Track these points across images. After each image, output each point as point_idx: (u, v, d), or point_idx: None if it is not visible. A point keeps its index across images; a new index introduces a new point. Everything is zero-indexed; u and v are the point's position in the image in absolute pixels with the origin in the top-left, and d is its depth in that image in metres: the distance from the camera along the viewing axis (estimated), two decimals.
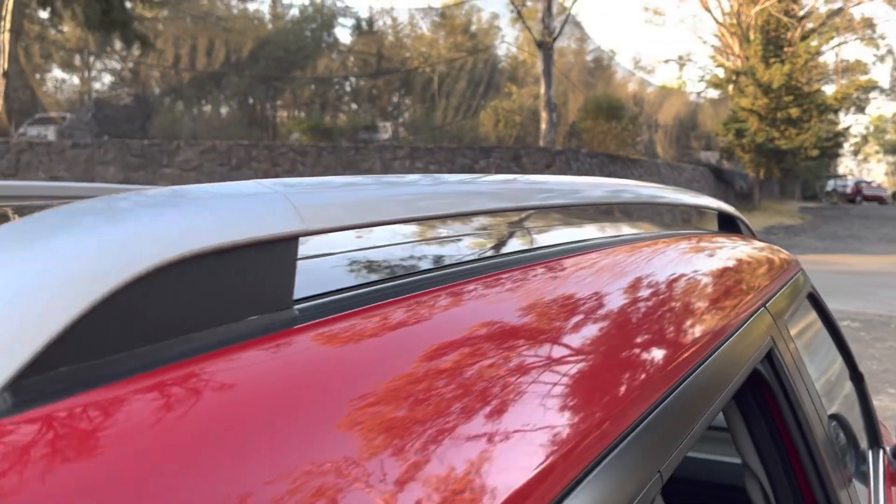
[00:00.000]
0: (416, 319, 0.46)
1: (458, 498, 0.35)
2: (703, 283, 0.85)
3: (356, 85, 34.85)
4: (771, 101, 29.76)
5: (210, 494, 0.29)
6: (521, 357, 0.47)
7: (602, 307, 0.61)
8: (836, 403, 1.73)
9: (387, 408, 0.37)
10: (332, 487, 0.32)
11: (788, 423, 0.94)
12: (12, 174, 14.98)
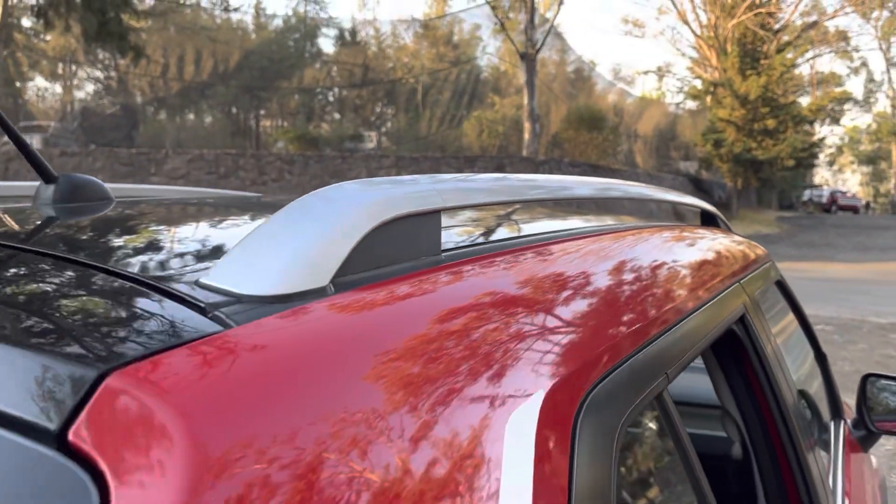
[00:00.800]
0: (512, 266, 0.70)
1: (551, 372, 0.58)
2: (692, 259, 1.10)
3: (340, 95, 35.06)
4: (748, 113, 30.38)
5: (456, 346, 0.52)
6: (565, 298, 0.71)
7: (622, 272, 0.86)
8: (802, 380, 1.98)
9: (499, 321, 0.60)
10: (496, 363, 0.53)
11: (759, 378, 1.18)
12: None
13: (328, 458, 0.37)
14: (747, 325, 1.13)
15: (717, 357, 1.11)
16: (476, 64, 37.02)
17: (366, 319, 0.50)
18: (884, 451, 4.98)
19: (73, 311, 0.47)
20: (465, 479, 0.44)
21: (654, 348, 0.72)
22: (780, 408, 1.18)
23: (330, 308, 0.49)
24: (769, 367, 1.18)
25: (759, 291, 1.33)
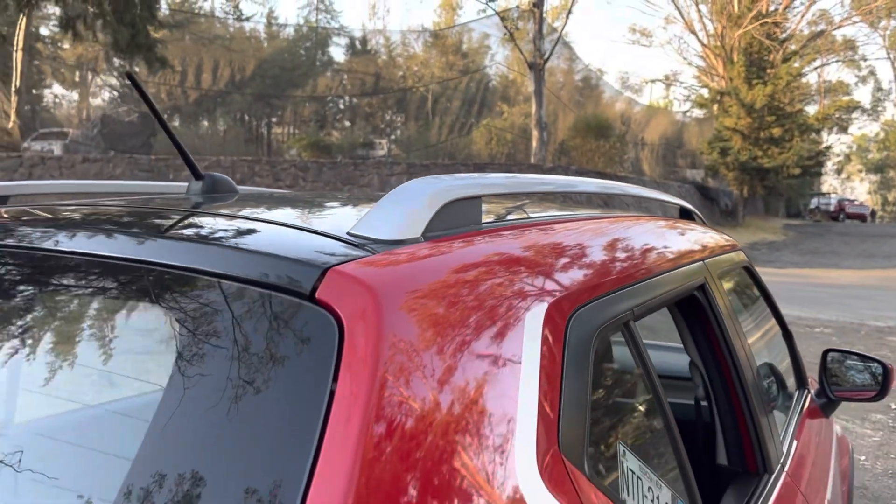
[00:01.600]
0: (536, 239, 1.06)
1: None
2: (665, 239, 1.45)
3: (351, 103, 35.50)
4: (754, 121, 30.67)
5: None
6: (564, 254, 1.05)
7: (610, 242, 1.21)
8: (769, 353, 2.32)
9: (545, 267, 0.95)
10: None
11: (716, 334, 1.52)
12: None
13: (456, 308, 0.74)
14: (707, 292, 1.47)
15: (682, 314, 1.45)
16: (485, 73, 37.43)
17: (441, 257, 0.85)
18: (871, 443, 5.29)
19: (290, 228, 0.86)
20: (503, 350, 0.79)
21: (624, 292, 1.07)
22: (733, 359, 1.52)
23: (422, 248, 0.84)
24: (725, 327, 1.52)
25: (721, 270, 1.67)
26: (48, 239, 0.87)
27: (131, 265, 0.78)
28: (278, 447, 0.59)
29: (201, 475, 0.59)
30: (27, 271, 0.86)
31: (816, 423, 2.24)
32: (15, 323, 0.89)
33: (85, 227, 0.90)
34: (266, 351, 0.65)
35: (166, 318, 0.75)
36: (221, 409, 0.62)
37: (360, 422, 0.58)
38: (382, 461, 0.57)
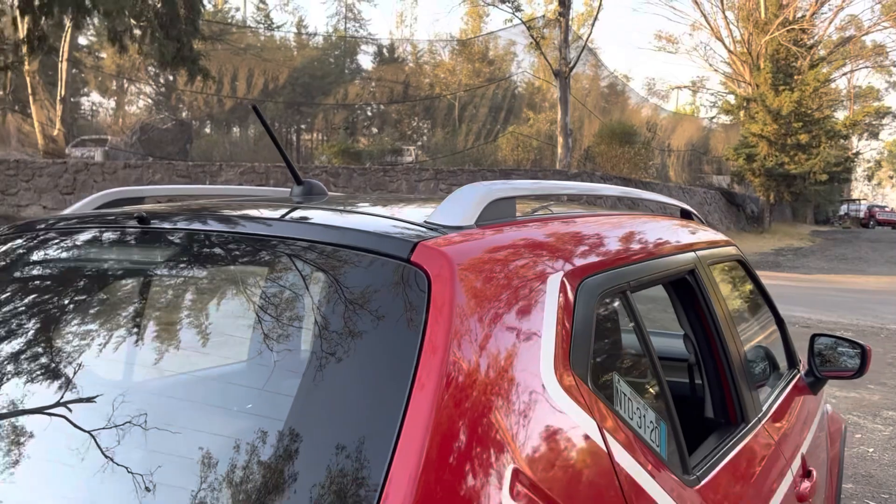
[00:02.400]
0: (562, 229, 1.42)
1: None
2: (664, 231, 1.80)
3: (379, 110, 36.07)
4: (780, 127, 30.64)
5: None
6: (581, 239, 1.41)
7: (619, 232, 1.57)
8: (763, 337, 2.65)
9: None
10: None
11: (705, 314, 1.86)
12: (70, 192, 16.15)
13: (506, 273, 1.10)
14: (696, 276, 1.81)
15: (676, 293, 1.79)
16: (511, 80, 37.78)
17: (489, 238, 1.21)
18: (881, 437, 5.54)
19: (385, 218, 1.22)
20: (532, 299, 1.14)
21: (622, 270, 1.42)
22: (718, 333, 1.86)
23: (475, 232, 1.20)
24: (712, 306, 1.86)
25: (711, 260, 2.01)
26: (218, 223, 1.24)
27: (275, 240, 1.16)
28: (390, 362, 0.94)
29: (338, 393, 0.94)
30: (203, 250, 1.23)
31: (807, 399, 2.55)
32: (183, 290, 1.26)
33: (239, 216, 1.27)
34: (378, 294, 1.01)
35: (303, 276, 1.11)
36: (352, 341, 0.98)
37: (444, 341, 0.94)
38: (462, 363, 0.92)
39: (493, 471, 0.87)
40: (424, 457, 0.81)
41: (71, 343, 1.17)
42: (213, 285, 1.25)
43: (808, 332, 10.15)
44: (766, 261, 23.39)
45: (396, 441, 0.82)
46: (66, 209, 1.65)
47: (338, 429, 0.86)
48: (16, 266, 1.36)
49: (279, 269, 1.15)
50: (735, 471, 1.54)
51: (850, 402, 6.51)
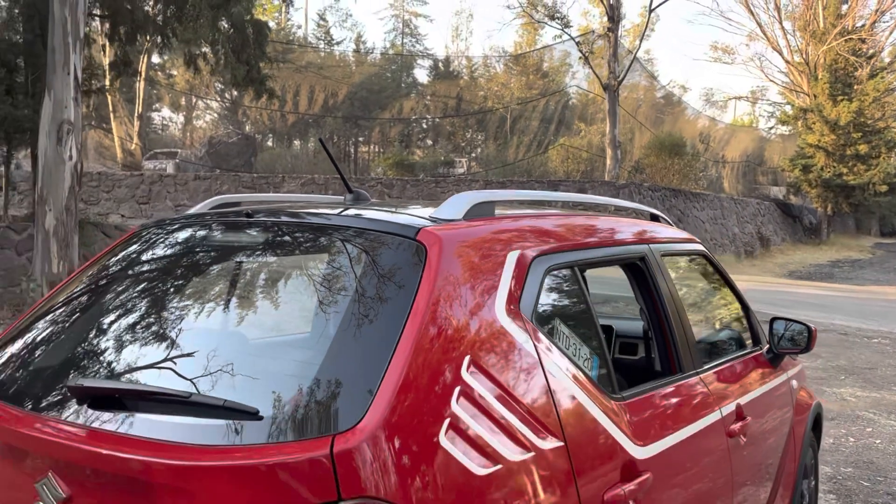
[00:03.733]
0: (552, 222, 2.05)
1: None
2: (623, 227, 2.39)
3: (433, 123, 36.96)
4: (839, 138, 30.25)
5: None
6: (543, 222, 2.03)
7: (573, 223, 2.17)
8: (729, 319, 3.19)
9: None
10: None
11: (654, 295, 2.43)
12: (146, 202, 17.40)
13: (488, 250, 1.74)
14: (647, 263, 2.39)
15: (630, 273, 2.38)
16: (563, 93, 38.20)
17: (472, 228, 1.82)
18: (890, 431, 5.90)
19: (403, 214, 1.84)
20: (496, 265, 1.76)
21: (572, 252, 2.03)
22: (664, 306, 2.42)
23: (461, 223, 1.81)
24: (659, 285, 2.43)
25: (664, 251, 2.57)
26: (296, 217, 1.91)
27: (332, 227, 1.81)
28: (400, 297, 1.57)
29: (358, 331, 1.57)
30: (286, 235, 1.89)
31: (758, 366, 3.06)
32: (262, 271, 1.93)
33: (309, 212, 1.94)
34: (395, 258, 1.64)
35: (349, 249, 1.75)
36: (377, 285, 1.61)
37: (432, 286, 1.56)
38: (442, 298, 1.55)
39: (457, 357, 1.49)
40: (414, 345, 1.43)
41: (196, 298, 1.85)
42: (292, 256, 1.91)
43: (846, 339, 10.39)
44: (820, 272, 23.23)
45: (400, 335, 1.44)
46: (143, 216, 2.35)
47: (362, 329, 1.50)
48: (162, 247, 2.06)
49: (335, 245, 1.80)
50: (658, 397, 2.12)
51: (870, 401, 6.85)
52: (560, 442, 1.60)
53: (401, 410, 1.32)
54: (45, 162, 7.79)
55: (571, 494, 1.58)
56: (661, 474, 1.93)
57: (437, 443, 1.35)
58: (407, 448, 1.30)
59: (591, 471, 1.67)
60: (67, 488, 1.42)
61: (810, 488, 3.66)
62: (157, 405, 1.43)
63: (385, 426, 1.29)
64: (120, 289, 1.89)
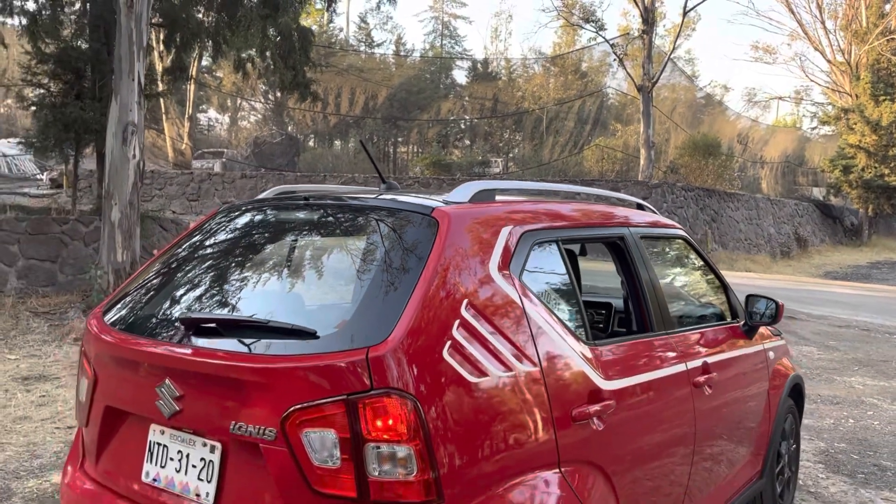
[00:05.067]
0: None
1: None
2: (607, 212, 2.91)
3: (471, 124, 37.51)
4: (881, 139, 29.94)
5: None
6: (536, 203, 2.57)
7: (561, 208, 2.70)
8: (709, 295, 3.68)
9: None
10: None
11: (632, 269, 2.94)
12: (195, 199, 18.31)
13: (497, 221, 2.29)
14: (626, 242, 2.91)
15: (612, 251, 2.90)
16: (602, 92, 38.39)
17: (475, 208, 2.36)
18: (889, 415, 6.27)
19: (423, 198, 2.40)
20: (491, 235, 2.30)
21: (561, 231, 2.56)
22: (639, 280, 2.93)
23: (466, 205, 2.34)
24: (636, 263, 2.94)
25: (643, 233, 3.07)
26: (342, 201, 2.48)
27: (370, 208, 2.38)
28: (416, 259, 2.11)
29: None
30: (334, 215, 2.46)
31: (743, 342, 3.54)
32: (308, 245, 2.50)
33: (351, 197, 2.51)
34: (415, 231, 2.19)
35: (380, 225, 2.31)
36: (401, 251, 2.17)
37: (441, 251, 2.11)
38: (448, 259, 2.09)
39: (458, 299, 2.04)
40: (426, 290, 1.98)
41: (268, 258, 2.43)
42: (339, 228, 2.48)
43: (867, 334, 10.67)
44: (857, 273, 23.16)
45: (416, 282, 1.99)
46: (192, 212, 2.95)
47: (389, 279, 2.06)
48: (240, 221, 2.65)
49: (371, 220, 2.36)
50: (627, 346, 2.64)
51: (877, 389, 7.20)
52: (536, 367, 2.14)
53: (415, 333, 1.88)
54: (111, 160, 8.55)
55: (544, 405, 2.12)
56: (624, 404, 2.45)
57: (441, 356, 1.90)
58: (418, 358, 1.86)
59: (562, 391, 2.21)
60: (180, 389, 2.01)
61: (790, 450, 4.12)
62: (245, 330, 2.02)
63: (403, 343, 1.84)
64: (210, 250, 2.50)
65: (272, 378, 1.86)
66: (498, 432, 1.97)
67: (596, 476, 2.26)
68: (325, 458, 1.79)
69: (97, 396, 2.30)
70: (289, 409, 1.81)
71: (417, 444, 1.78)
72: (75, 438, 2.57)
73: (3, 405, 5.52)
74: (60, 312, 8.20)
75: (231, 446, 1.96)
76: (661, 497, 2.70)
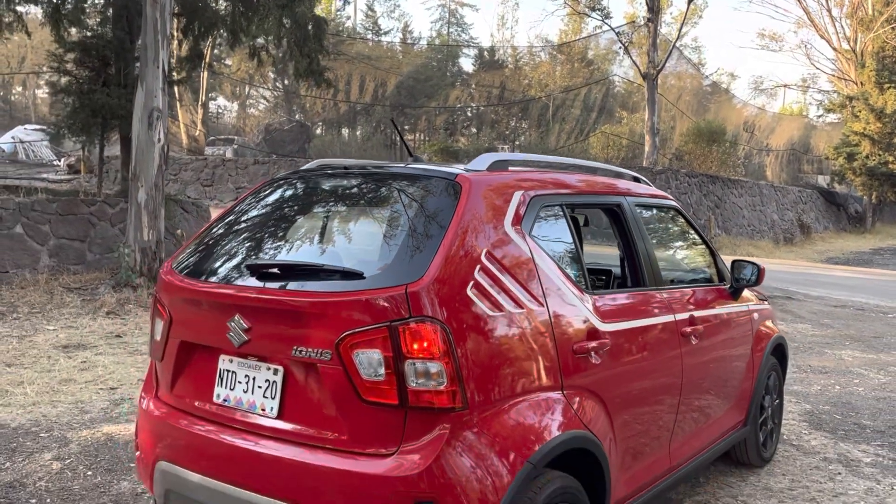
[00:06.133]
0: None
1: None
2: (606, 183, 3.30)
3: (478, 111, 37.81)
4: (885, 126, 30.15)
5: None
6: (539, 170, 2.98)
7: (568, 177, 3.11)
8: (698, 259, 4.09)
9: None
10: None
11: (626, 233, 3.34)
12: (209, 184, 18.73)
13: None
14: (622, 209, 3.31)
15: (609, 216, 3.30)
16: (608, 79, 38.60)
17: (492, 175, 2.76)
18: (875, 383, 6.67)
19: (447, 167, 2.81)
20: (505, 199, 2.71)
21: (565, 197, 2.96)
22: (633, 243, 3.33)
23: (484, 172, 2.74)
24: (631, 228, 3.34)
25: (638, 202, 3.47)
26: (378, 169, 2.88)
27: (402, 175, 2.78)
28: (443, 217, 2.52)
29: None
30: (370, 182, 2.87)
31: (719, 296, 3.93)
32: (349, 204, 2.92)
33: (386, 166, 2.91)
34: (439, 196, 2.60)
35: (411, 188, 2.72)
36: (430, 209, 2.57)
37: (463, 210, 2.52)
38: (470, 217, 2.50)
39: (479, 249, 2.45)
40: (452, 241, 2.39)
41: (316, 215, 2.85)
42: (377, 191, 2.88)
43: (862, 313, 11.06)
44: (859, 259, 23.48)
45: (444, 234, 2.40)
46: (207, 197, 3.37)
47: (423, 230, 2.47)
48: (287, 188, 3.06)
49: (405, 185, 2.76)
50: (622, 297, 3.06)
51: (865, 361, 7.60)
52: (543, 307, 2.55)
53: (444, 274, 2.29)
54: (137, 144, 8.98)
55: (549, 338, 2.53)
56: (618, 343, 2.87)
57: (465, 293, 2.31)
58: (446, 294, 2.27)
59: (565, 328, 2.62)
60: (248, 322, 2.43)
61: (773, 404, 4.53)
62: (303, 273, 2.44)
63: (434, 282, 2.26)
64: (264, 211, 2.93)
65: (328, 310, 2.28)
66: (511, 357, 2.39)
67: (593, 400, 2.68)
68: (372, 373, 2.21)
69: (172, 334, 2.72)
70: (342, 335, 2.23)
71: (447, 361, 2.19)
72: (148, 373, 3.00)
73: (49, 369, 5.97)
74: (91, 288, 8.65)
75: (291, 368, 2.38)
76: (650, 425, 3.12)
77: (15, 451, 4.27)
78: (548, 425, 2.44)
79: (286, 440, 2.36)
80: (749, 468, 4.37)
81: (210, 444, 2.53)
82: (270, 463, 2.36)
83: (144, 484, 2.88)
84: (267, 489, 2.35)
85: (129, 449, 4.33)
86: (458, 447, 2.20)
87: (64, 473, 3.99)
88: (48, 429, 4.63)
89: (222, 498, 2.46)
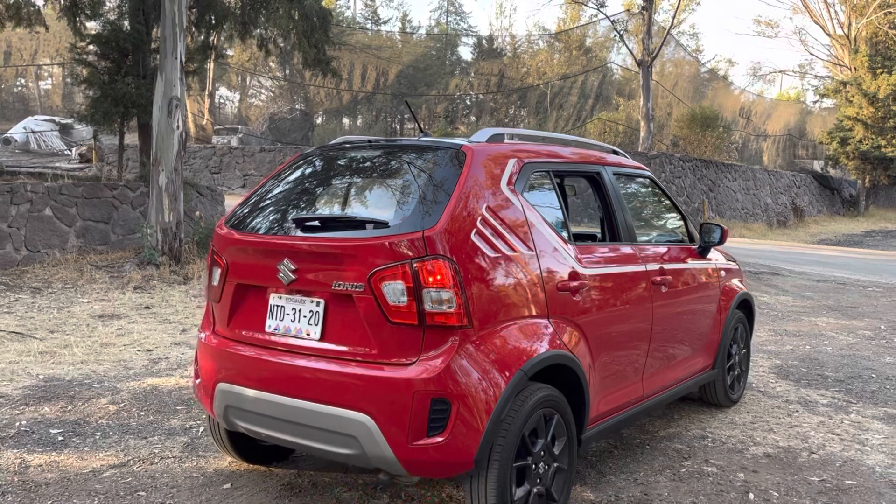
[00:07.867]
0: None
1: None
2: (587, 154, 3.89)
3: (477, 99, 38.29)
4: (878, 111, 30.65)
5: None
6: (529, 144, 3.57)
7: (557, 149, 3.69)
8: (670, 222, 4.69)
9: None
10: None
11: (604, 198, 3.92)
12: (217, 172, 19.29)
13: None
14: (601, 177, 3.89)
15: (590, 183, 3.89)
16: (607, 67, 39.06)
17: (490, 146, 3.34)
18: (843, 344, 7.26)
19: (453, 139, 3.39)
20: (501, 167, 3.29)
21: (548, 163, 3.54)
22: (610, 206, 3.91)
23: (484, 144, 3.31)
24: (609, 194, 3.92)
25: (616, 171, 4.05)
26: (395, 141, 3.47)
27: (414, 145, 3.37)
28: (450, 180, 3.11)
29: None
30: (390, 152, 3.45)
31: (688, 255, 4.52)
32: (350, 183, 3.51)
33: (401, 140, 3.50)
34: (448, 162, 3.18)
35: (422, 158, 3.30)
36: (437, 175, 3.16)
37: (467, 175, 3.10)
38: (472, 181, 3.08)
39: (480, 204, 3.04)
40: (458, 197, 2.98)
41: (349, 178, 3.44)
42: (395, 160, 3.45)
43: (843, 287, 11.66)
44: (850, 240, 24.06)
45: (452, 193, 2.98)
46: (216, 184, 3.96)
47: (434, 190, 3.06)
48: (318, 160, 3.65)
49: (418, 154, 3.34)
50: (600, 248, 3.65)
51: (838, 327, 8.19)
52: (532, 251, 3.14)
53: (453, 223, 2.88)
54: (157, 131, 9.54)
55: (538, 276, 3.12)
56: (596, 285, 3.46)
57: (470, 237, 2.91)
58: (455, 238, 2.86)
59: (551, 269, 3.21)
60: (295, 264, 3.03)
61: (739, 353, 5.13)
62: (339, 224, 3.03)
63: (445, 229, 2.85)
64: (299, 177, 3.53)
65: (361, 252, 2.87)
66: (506, 289, 2.99)
67: (574, 328, 3.28)
68: (397, 300, 2.80)
69: (229, 279, 3.31)
70: (373, 270, 2.82)
71: (456, 290, 2.79)
72: (205, 313, 3.59)
73: (89, 335, 6.58)
74: (118, 266, 9.25)
75: (331, 300, 2.98)
76: (625, 357, 3.72)
77: (73, 398, 4.87)
78: (536, 343, 3.04)
79: (327, 357, 2.96)
80: (718, 408, 4.98)
81: (264, 364, 3.12)
82: (315, 375, 2.95)
83: (203, 404, 3.47)
84: (312, 396, 2.95)
85: (173, 396, 4.94)
86: (465, 357, 2.80)
87: (120, 414, 4.60)
88: (99, 381, 5.23)
89: (275, 406, 3.06)
